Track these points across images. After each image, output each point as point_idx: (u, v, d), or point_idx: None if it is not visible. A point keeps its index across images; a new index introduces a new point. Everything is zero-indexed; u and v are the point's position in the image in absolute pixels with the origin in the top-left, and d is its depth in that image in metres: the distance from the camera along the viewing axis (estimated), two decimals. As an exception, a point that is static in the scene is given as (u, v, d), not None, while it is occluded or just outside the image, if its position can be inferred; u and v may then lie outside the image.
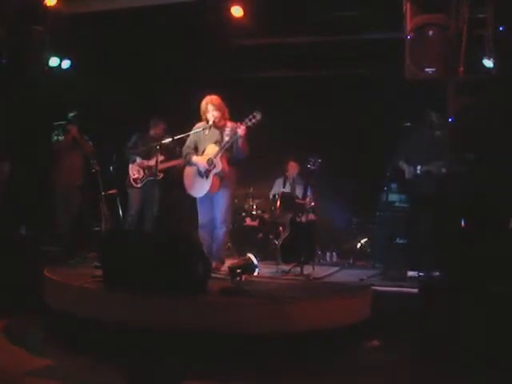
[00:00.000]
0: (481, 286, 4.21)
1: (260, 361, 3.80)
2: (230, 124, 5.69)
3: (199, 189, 5.67)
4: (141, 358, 3.76)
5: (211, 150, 5.63)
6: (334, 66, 8.27)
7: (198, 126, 5.79)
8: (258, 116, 5.52)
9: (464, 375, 3.75)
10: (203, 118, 5.75)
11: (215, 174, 5.57)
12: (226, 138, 5.59)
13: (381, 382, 3.75)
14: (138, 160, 6.89)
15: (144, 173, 6.87)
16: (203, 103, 5.72)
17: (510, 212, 4.72)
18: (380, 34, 7.43)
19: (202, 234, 5.78)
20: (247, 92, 8.00)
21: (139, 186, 6.87)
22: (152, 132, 7.06)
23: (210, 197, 5.68)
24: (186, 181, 5.80)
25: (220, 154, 5.56)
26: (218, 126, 5.69)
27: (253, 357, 3.81)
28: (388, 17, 6.35)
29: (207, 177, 5.59)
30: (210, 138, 5.71)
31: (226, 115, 5.76)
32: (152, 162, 6.81)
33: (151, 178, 6.84)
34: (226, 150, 5.59)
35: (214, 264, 5.45)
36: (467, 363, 3.87)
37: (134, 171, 6.89)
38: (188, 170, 5.80)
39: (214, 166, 5.56)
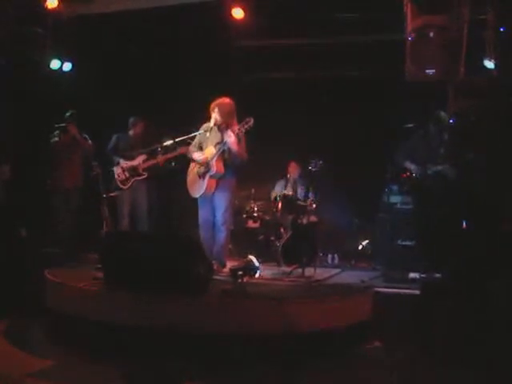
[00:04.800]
0: (482, 287, 4.20)
1: (261, 362, 3.79)
2: (235, 127, 5.72)
3: (196, 189, 5.80)
4: (142, 359, 3.76)
5: (209, 151, 5.73)
6: (334, 68, 8.26)
7: (204, 127, 5.88)
8: (251, 122, 5.60)
9: (464, 376, 3.74)
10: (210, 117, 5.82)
11: (210, 176, 5.68)
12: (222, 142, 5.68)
13: (381, 383, 3.74)
14: (122, 161, 6.89)
15: (129, 173, 6.88)
16: (213, 104, 5.78)
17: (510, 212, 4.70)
18: (381, 36, 7.42)
19: (202, 234, 5.85)
20: (248, 93, 7.99)
21: (127, 186, 6.87)
22: (131, 132, 7.06)
23: (209, 198, 5.77)
24: (188, 181, 5.93)
25: (216, 157, 5.64)
26: (221, 129, 5.75)
27: (254, 358, 3.81)
28: (389, 18, 6.35)
29: (203, 178, 5.71)
30: (213, 139, 5.79)
31: (232, 121, 5.77)
32: (135, 162, 6.85)
33: (137, 178, 6.86)
34: (222, 153, 5.67)
35: (215, 266, 5.47)
36: (468, 364, 3.87)
37: (119, 173, 6.89)
38: (190, 169, 5.93)
39: (209, 169, 5.65)
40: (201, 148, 5.88)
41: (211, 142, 5.76)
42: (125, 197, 6.86)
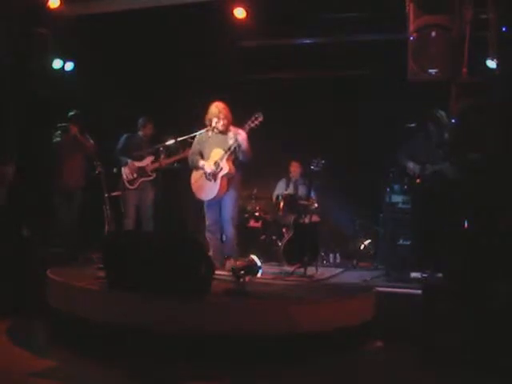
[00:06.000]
0: (482, 287, 4.20)
1: (262, 361, 3.80)
2: (232, 128, 5.83)
3: (208, 192, 5.82)
4: (142, 359, 3.76)
5: (216, 153, 5.77)
6: (335, 67, 8.27)
7: (203, 133, 5.91)
8: (260, 117, 5.67)
9: (465, 376, 3.74)
10: (209, 123, 5.84)
11: (223, 176, 5.72)
12: (230, 142, 5.73)
13: (381, 383, 3.75)
14: (130, 162, 6.91)
15: (137, 174, 6.90)
16: (214, 110, 5.81)
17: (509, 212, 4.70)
18: (382, 35, 7.42)
19: (209, 236, 5.95)
20: (249, 93, 8.01)
21: (134, 187, 6.89)
22: (141, 133, 7.09)
23: (217, 199, 5.83)
24: (194, 185, 5.93)
25: (226, 157, 5.69)
26: (222, 131, 5.82)
27: (255, 357, 3.81)
28: (390, 18, 6.36)
29: (215, 179, 5.73)
30: (215, 142, 5.84)
31: (231, 121, 5.87)
32: (143, 163, 6.88)
33: (144, 179, 6.89)
34: (231, 153, 5.72)
35: (229, 263, 5.68)
36: (468, 364, 3.87)
37: (128, 173, 6.92)
38: (195, 175, 5.94)
39: (221, 169, 5.70)
40: (201, 155, 5.92)
41: (214, 145, 5.81)
42: (131, 197, 6.90)
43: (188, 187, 5.99)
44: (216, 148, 5.79)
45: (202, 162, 5.85)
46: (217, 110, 5.80)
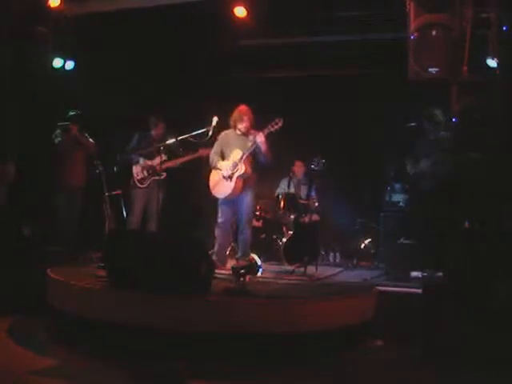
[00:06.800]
0: (483, 286, 4.20)
1: (262, 361, 3.80)
2: (252, 131, 5.99)
3: (223, 190, 5.96)
4: (143, 358, 3.77)
5: (236, 154, 5.92)
6: (336, 67, 8.26)
7: (226, 133, 6.08)
8: (280, 122, 5.82)
9: (465, 376, 3.74)
10: (233, 125, 6.03)
11: (238, 177, 5.85)
12: (249, 144, 5.88)
13: (381, 383, 3.75)
14: (141, 161, 6.93)
15: (148, 173, 6.91)
16: (241, 113, 5.98)
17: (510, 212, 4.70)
18: (382, 35, 7.42)
19: (218, 233, 6.05)
20: (249, 93, 7.99)
21: (144, 186, 6.90)
22: (153, 132, 7.09)
23: (232, 199, 5.95)
24: (211, 183, 6.07)
25: (243, 158, 5.84)
26: (244, 133, 5.99)
27: (255, 357, 3.81)
28: (390, 17, 6.35)
29: (231, 179, 5.87)
30: (236, 143, 6.00)
31: (253, 124, 6.04)
32: (154, 162, 6.88)
33: (155, 178, 6.89)
34: (249, 154, 5.87)
35: (226, 260, 6.00)
36: (468, 364, 3.87)
37: (138, 172, 6.93)
38: (213, 174, 6.08)
39: (238, 169, 5.83)
40: (222, 155, 6.05)
41: (235, 146, 5.95)
42: (140, 195, 6.90)
43: (193, 187, 6.04)
44: (236, 149, 5.93)
45: (220, 163, 5.99)
46: (241, 112, 5.97)
